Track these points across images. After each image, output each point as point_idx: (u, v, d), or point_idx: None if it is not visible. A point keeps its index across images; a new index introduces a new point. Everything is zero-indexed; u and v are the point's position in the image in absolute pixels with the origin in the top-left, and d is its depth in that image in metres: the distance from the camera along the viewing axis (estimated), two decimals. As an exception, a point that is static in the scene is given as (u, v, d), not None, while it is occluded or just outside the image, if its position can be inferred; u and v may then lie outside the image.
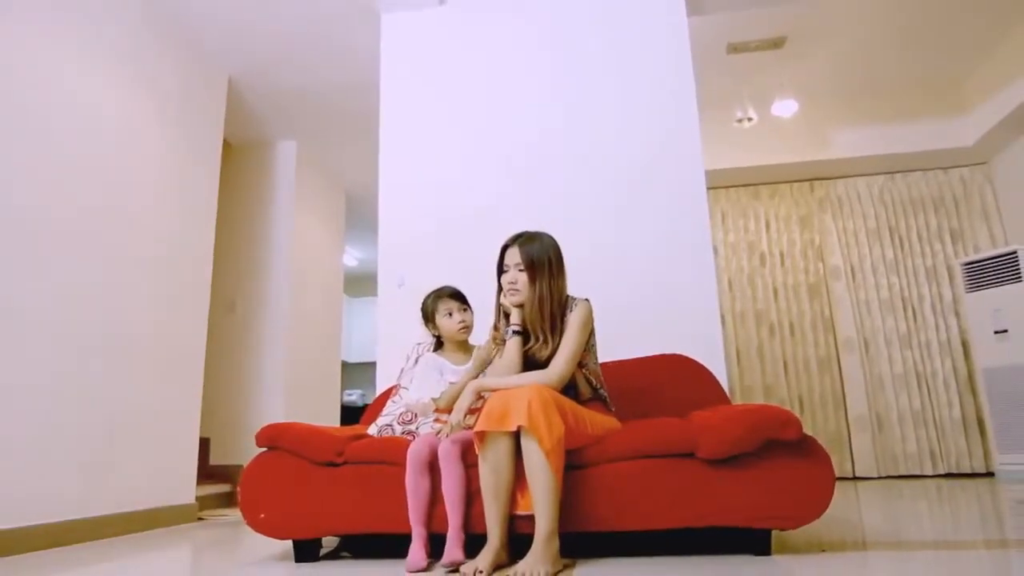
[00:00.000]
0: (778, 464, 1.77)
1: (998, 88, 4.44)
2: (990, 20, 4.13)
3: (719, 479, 1.79)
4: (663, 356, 2.58)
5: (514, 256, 2.01)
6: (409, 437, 2.19)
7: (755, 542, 1.82)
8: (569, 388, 1.98)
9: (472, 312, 2.30)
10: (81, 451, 2.81)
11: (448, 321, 2.25)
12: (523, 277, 1.98)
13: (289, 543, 2.24)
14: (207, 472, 4.36)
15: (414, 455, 1.94)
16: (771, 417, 1.78)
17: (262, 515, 2.02)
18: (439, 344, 2.35)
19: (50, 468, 2.65)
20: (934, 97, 4.87)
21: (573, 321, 1.97)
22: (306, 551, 2.06)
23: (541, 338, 1.97)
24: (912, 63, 4.57)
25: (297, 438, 2.08)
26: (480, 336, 2.29)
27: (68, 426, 2.76)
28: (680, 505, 1.80)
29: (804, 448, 1.78)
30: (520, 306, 2.01)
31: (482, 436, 1.79)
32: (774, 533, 1.86)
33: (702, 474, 1.80)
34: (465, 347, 2.31)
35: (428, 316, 2.31)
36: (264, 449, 2.15)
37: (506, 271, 2.03)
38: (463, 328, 2.25)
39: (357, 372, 8.01)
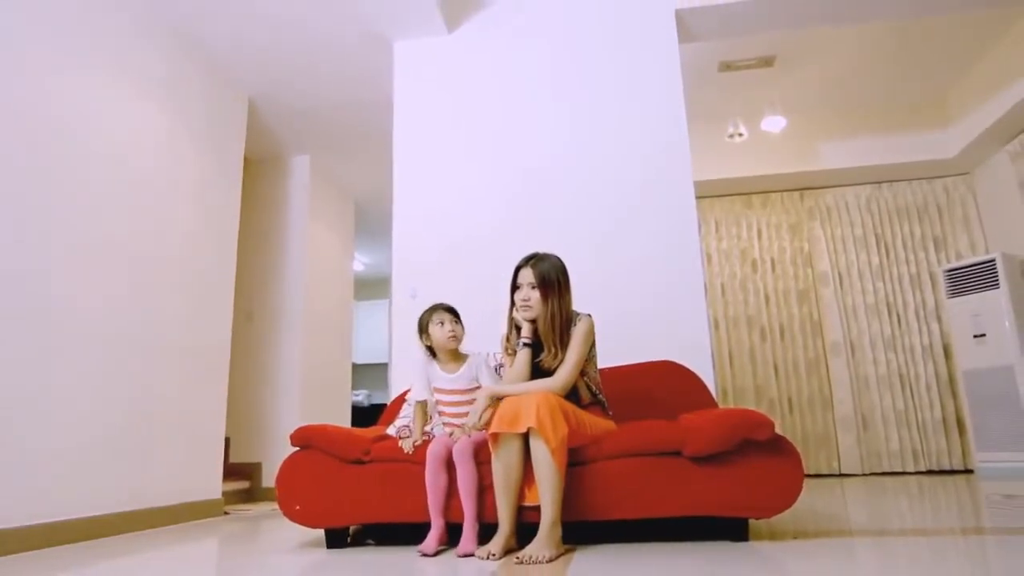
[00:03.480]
0: (753, 461, 2.01)
1: (978, 103, 4.65)
2: (969, 40, 4.35)
3: (702, 474, 2.03)
4: (656, 363, 2.81)
5: (527, 276, 2.23)
6: (425, 437, 2.43)
7: (734, 530, 2.07)
8: (571, 394, 2.22)
9: (463, 327, 2.47)
10: (120, 450, 3.05)
11: (439, 330, 2.41)
12: (535, 295, 2.21)
13: (316, 533, 2.50)
14: (228, 469, 4.59)
15: (433, 454, 2.18)
16: (747, 419, 2.02)
17: (297, 507, 2.27)
18: (432, 355, 2.50)
19: (91, 466, 2.88)
20: (918, 111, 5.09)
21: (576, 334, 2.20)
22: (336, 538, 2.31)
23: (553, 350, 2.20)
24: (897, 80, 4.79)
25: (328, 439, 2.32)
26: (482, 345, 2.53)
27: (108, 427, 3.00)
28: (668, 497, 2.03)
29: (776, 447, 2.02)
30: (533, 321, 2.24)
31: (495, 437, 2.03)
32: (751, 522, 2.11)
33: (687, 470, 2.04)
34: (456, 356, 2.46)
35: (422, 328, 2.47)
36: (297, 448, 2.38)
37: (519, 288, 2.26)
38: (452, 337, 2.41)
39: (363, 373, 8.22)
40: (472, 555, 2.00)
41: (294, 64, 4.04)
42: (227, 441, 4.66)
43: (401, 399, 2.92)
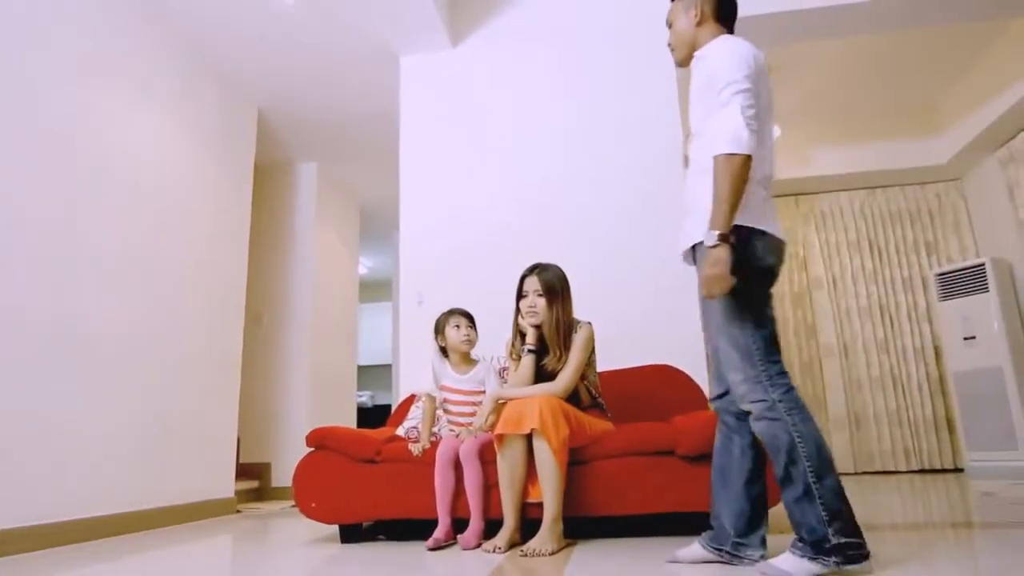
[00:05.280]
0: (743, 460, 2.13)
1: (968, 110, 4.75)
2: (959, 48, 4.45)
3: (694, 472, 2.15)
4: (653, 366, 2.93)
5: (532, 284, 2.37)
6: (433, 438, 2.56)
7: (725, 524, 2.20)
8: (572, 397, 2.34)
9: (477, 332, 2.60)
10: (140, 452, 3.18)
11: (455, 332, 2.55)
12: (541, 302, 2.34)
13: (329, 529, 2.64)
14: (238, 469, 4.71)
15: (441, 455, 2.32)
16: (737, 421, 2.14)
17: (313, 504, 2.40)
18: (444, 355, 2.62)
19: (115, 468, 3.01)
20: (910, 119, 5.19)
21: (577, 341, 2.33)
22: (350, 534, 2.44)
23: (557, 353, 2.33)
24: (888, 88, 4.90)
25: (342, 440, 2.46)
26: (484, 350, 2.65)
27: (130, 430, 3.12)
28: (663, 494, 2.17)
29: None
30: (538, 326, 2.37)
31: (501, 438, 2.16)
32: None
33: (681, 468, 2.17)
34: (467, 359, 2.59)
35: (439, 328, 2.61)
36: (312, 449, 2.51)
37: (525, 296, 2.38)
38: (466, 341, 2.55)
39: (366, 374, 8.33)
40: (474, 548, 2.13)
41: (303, 77, 4.17)
42: (237, 441, 4.78)
43: (409, 401, 3.04)
